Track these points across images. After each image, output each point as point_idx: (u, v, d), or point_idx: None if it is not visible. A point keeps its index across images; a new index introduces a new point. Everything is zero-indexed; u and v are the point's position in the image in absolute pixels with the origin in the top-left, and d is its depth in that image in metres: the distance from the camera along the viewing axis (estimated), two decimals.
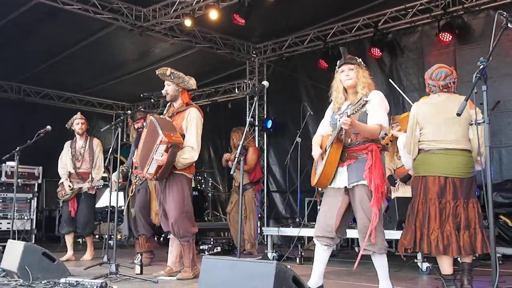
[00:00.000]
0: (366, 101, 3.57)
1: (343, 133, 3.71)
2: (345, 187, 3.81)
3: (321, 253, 3.91)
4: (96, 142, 7.13)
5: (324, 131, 4.04)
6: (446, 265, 4.05)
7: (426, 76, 4.34)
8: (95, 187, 6.84)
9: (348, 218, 3.92)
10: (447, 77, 4.18)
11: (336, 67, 4.02)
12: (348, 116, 3.57)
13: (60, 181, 7.13)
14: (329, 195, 3.91)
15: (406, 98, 6.01)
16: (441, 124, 4.07)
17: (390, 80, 6.54)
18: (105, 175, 7.02)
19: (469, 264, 4.09)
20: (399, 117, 6.47)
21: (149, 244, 6.52)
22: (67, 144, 7.20)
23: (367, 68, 4.01)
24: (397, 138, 5.17)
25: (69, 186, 6.89)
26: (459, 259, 4.25)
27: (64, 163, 7.09)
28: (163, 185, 5.05)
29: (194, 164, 5.15)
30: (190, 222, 5.04)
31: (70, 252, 6.98)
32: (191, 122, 4.99)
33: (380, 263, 3.77)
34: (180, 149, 4.86)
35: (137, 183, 6.36)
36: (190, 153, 4.92)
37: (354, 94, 3.91)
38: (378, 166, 3.70)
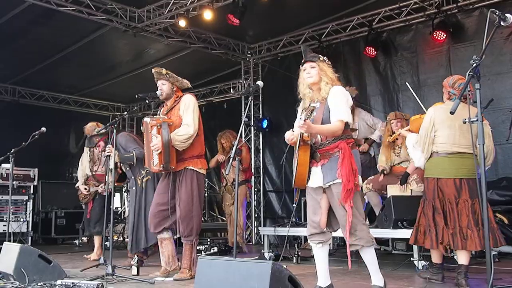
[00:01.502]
0: (314, 107, 3.72)
1: (305, 135, 3.74)
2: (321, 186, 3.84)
3: (317, 252, 3.93)
4: None
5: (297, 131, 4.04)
6: (437, 256, 4.57)
7: (446, 84, 4.62)
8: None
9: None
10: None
11: (300, 66, 4.05)
12: (304, 121, 3.60)
13: (77, 185, 7.38)
14: (310, 193, 3.95)
15: (419, 103, 6.03)
16: (456, 129, 4.40)
17: (407, 84, 6.53)
18: None
19: (466, 266, 4.40)
20: (406, 115, 6.53)
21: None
22: (87, 148, 7.38)
23: (330, 64, 4.01)
24: (406, 137, 5.38)
25: (85, 189, 7.19)
26: (455, 258, 4.56)
27: (83, 166, 7.32)
28: (174, 181, 5.08)
29: (203, 156, 5.26)
30: (197, 221, 5.08)
31: (97, 251, 7.09)
32: (187, 106, 5.08)
33: (369, 256, 3.80)
34: (173, 128, 4.95)
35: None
36: (185, 129, 4.96)
37: (317, 91, 3.93)
38: (346, 162, 3.69)
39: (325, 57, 4.04)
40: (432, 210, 4.47)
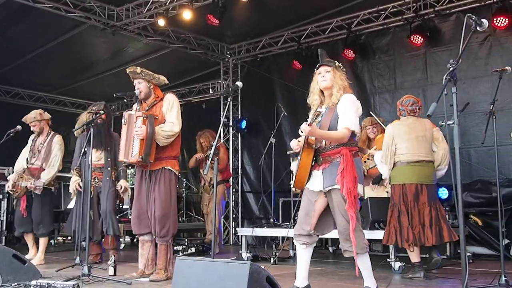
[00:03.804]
0: (320, 112, 3.82)
1: (310, 139, 3.79)
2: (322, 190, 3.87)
3: (301, 253, 3.96)
4: (56, 139, 6.72)
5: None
6: (416, 255, 5.07)
7: (398, 103, 5.41)
8: (37, 187, 6.41)
9: (329, 217, 3.94)
10: (413, 104, 5.26)
11: (315, 69, 4.06)
12: (309, 125, 3.63)
13: (9, 177, 6.78)
14: (306, 195, 3.98)
15: (383, 126, 6.32)
16: (413, 141, 5.10)
17: (371, 113, 6.89)
18: (76, 175, 6.77)
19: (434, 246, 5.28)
20: (382, 119, 6.66)
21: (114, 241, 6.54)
22: (31, 138, 6.84)
23: (344, 71, 4.07)
24: (374, 155, 5.96)
25: (12, 184, 6.50)
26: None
27: (22, 158, 6.72)
28: (149, 180, 5.05)
29: (178, 158, 5.24)
30: (173, 222, 5.06)
31: (32, 251, 6.66)
32: (171, 104, 5.10)
33: (363, 262, 3.83)
34: (158, 122, 4.96)
35: (97, 185, 6.29)
36: (170, 126, 4.99)
37: (329, 97, 3.97)
38: (349, 170, 3.74)
39: (340, 64, 4.11)
40: (398, 212, 5.12)
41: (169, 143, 5.01)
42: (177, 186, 8.08)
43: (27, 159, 6.67)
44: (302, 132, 3.77)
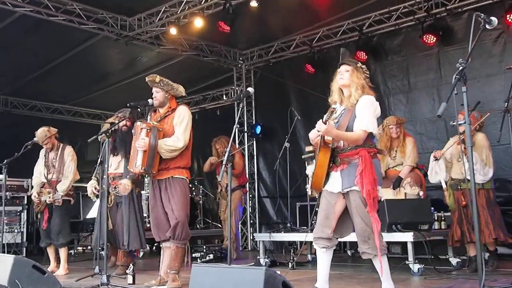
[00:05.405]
0: (334, 108, 3.82)
1: (327, 138, 3.77)
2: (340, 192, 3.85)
3: (321, 256, 3.93)
4: (68, 150, 6.77)
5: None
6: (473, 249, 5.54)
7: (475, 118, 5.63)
8: (56, 200, 6.49)
9: (347, 219, 3.91)
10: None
11: (338, 68, 4.06)
12: (324, 122, 3.63)
13: (31, 193, 6.89)
14: (325, 197, 3.95)
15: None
16: None
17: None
18: (94, 179, 6.81)
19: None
20: (403, 119, 6.60)
21: (126, 258, 6.33)
22: (42, 152, 6.85)
23: (367, 73, 4.02)
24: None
25: (35, 196, 6.62)
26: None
27: (38, 172, 6.78)
28: (160, 189, 5.08)
29: (188, 168, 5.21)
30: (186, 226, 5.08)
31: (52, 264, 6.75)
32: (181, 118, 5.09)
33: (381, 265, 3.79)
34: (162, 135, 4.98)
35: (116, 194, 6.19)
36: (174, 141, 4.98)
37: (348, 98, 3.93)
38: (368, 171, 3.71)
39: (363, 65, 4.05)
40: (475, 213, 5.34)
41: (173, 156, 5.01)
42: (191, 194, 8.09)
43: (44, 174, 6.71)
44: (318, 131, 3.75)
